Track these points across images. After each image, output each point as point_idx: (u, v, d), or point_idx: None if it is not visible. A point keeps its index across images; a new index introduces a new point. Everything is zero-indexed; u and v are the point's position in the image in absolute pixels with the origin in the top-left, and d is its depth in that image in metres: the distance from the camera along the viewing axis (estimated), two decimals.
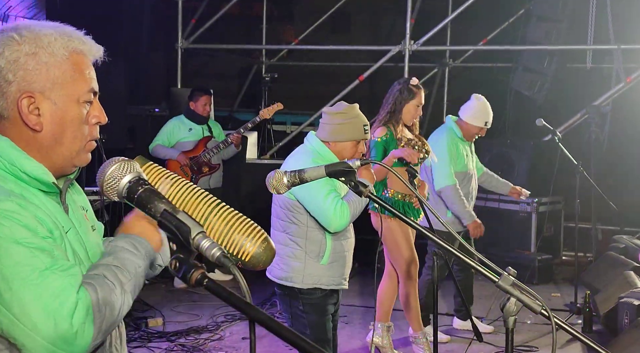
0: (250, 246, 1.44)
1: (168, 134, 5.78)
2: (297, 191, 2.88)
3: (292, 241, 2.98)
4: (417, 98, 4.05)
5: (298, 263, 2.98)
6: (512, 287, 1.53)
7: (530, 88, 6.99)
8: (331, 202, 2.83)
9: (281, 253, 3.01)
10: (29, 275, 1.18)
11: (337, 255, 3.03)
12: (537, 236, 6.52)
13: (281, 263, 3.02)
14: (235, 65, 9.84)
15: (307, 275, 2.98)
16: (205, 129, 5.88)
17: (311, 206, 2.89)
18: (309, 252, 2.98)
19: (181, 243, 1.16)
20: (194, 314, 5.09)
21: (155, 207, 1.21)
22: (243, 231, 1.45)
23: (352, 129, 3.02)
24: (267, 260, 1.47)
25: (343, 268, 3.07)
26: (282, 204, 3.01)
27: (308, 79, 9.62)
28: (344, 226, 2.89)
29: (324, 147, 3.01)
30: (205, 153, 5.78)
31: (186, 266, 1.12)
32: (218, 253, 1.12)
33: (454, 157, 4.40)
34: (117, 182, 1.28)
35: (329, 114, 3.05)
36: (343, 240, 3.05)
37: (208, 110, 5.84)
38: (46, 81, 1.31)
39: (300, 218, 2.96)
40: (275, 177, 1.95)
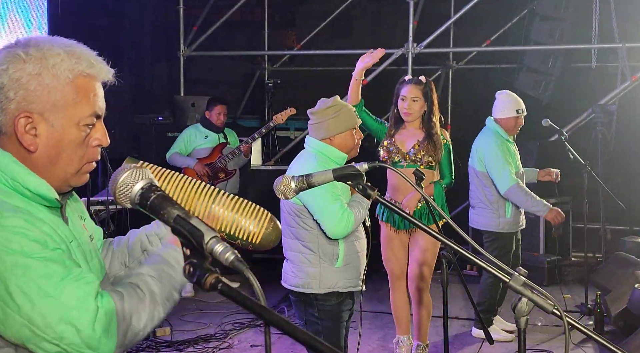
0: (258, 228, 1.48)
1: (185, 141, 5.86)
2: (304, 196, 2.90)
3: (305, 247, 2.99)
4: (401, 90, 4.03)
5: (313, 269, 2.99)
6: (523, 287, 1.54)
7: (535, 88, 7.00)
8: (338, 209, 2.85)
9: (295, 260, 3.02)
10: (46, 288, 1.20)
11: (351, 256, 3.04)
12: (545, 237, 6.51)
13: (296, 271, 3.03)
14: (237, 72, 9.87)
15: (323, 279, 2.99)
16: (221, 137, 5.97)
17: (317, 212, 2.91)
18: (322, 257, 2.99)
19: (195, 248, 1.18)
20: (201, 323, 5.09)
21: (168, 213, 1.23)
22: (248, 215, 1.48)
23: (346, 118, 3.06)
24: (276, 239, 1.52)
25: (358, 268, 3.08)
26: (290, 210, 3.03)
27: (311, 84, 9.64)
28: (345, 235, 2.91)
29: (326, 146, 3.04)
30: (221, 159, 5.84)
31: (200, 271, 1.14)
32: (232, 257, 1.13)
33: (507, 157, 4.52)
34: (129, 189, 1.29)
35: (318, 113, 3.08)
36: (355, 241, 3.07)
37: (222, 119, 5.93)
38: (46, 103, 1.31)
39: (309, 223, 2.98)
40: (283, 182, 1.96)
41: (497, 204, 4.63)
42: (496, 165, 4.48)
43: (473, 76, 8.90)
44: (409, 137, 4.06)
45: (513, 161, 4.57)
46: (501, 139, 4.58)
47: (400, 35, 8.02)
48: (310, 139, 3.11)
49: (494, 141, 4.57)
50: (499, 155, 4.49)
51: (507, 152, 4.55)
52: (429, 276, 4.09)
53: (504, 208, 4.63)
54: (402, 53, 6.99)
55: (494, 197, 4.62)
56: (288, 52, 9.13)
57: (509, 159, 4.54)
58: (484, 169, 4.62)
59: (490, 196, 4.64)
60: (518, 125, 4.66)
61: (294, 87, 9.58)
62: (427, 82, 4.06)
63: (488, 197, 4.65)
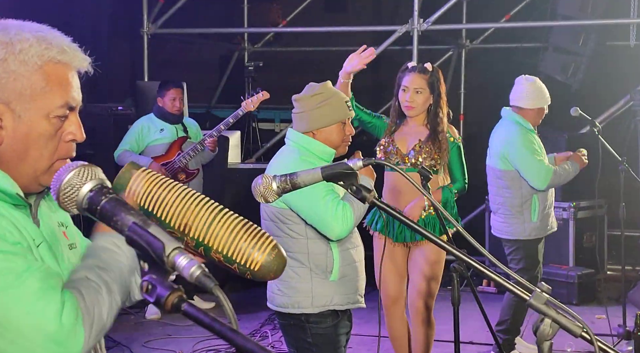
0: (259, 254, 1.49)
1: (136, 137, 5.79)
2: (289, 197, 2.90)
3: (293, 259, 3.00)
4: (403, 80, 4.03)
5: (304, 284, 3.00)
6: (546, 306, 1.54)
7: (563, 72, 7.02)
8: (331, 205, 2.85)
9: (282, 276, 3.01)
10: (7, 279, 1.26)
11: (347, 267, 3.04)
12: (575, 247, 6.53)
13: (283, 288, 3.03)
14: (212, 53, 9.86)
15: (316, 296, 3.00)
16: (179, 129, 5.91)
17: (307, 212, 2.91)
18: (314, 269, 3.00)
19: (154, 262, 1.18)
20: (169, 350, 5.08)
21: (122, 220, 1.22)
22: (250, 238, 1.50)
23: (334, 109, 3.06)
24: (278, 269, 1.53)
25: (357, 282, 3.09)
26: (272, 216, 3.02)
27: (299, 68, 9.64)
28: (348, 232, 2.91)
29: (309, 140, 3.04)
30: (180, 157, 5.79)
31: (160, 288, 1.13)
32: (198, 272, 1.13)
33: (534, 149, 4.62)
34: (75, 191, 1.29)
35: (302, 101, 3.09)
36: (351, 249, 3.07)
37: (179, 106, 5.85)
38: (12, 92, 1.36)
39: (296, 230, 2.98)
40: (262, 183, 1.96)
41: (520, 208, 4.66)
42: (527, 159, 4.53)
43: (490, 58, 8.92)
44: (410, 135, 4.05)
45: (541, 150, 4.67)
46: (525, 129, 4.63)
47: (404, 10, 8.03)
48: (291, 131, 3.12)
49: (518, 133, 4.61)
50: (528, 147, 4.56)
51: (534, 143, 4.62)
52: (435, 293, 4.10)
53: (529, 211, 4.67)
54: (406, 30, 6.99)
55: (517, 199, 4.64)
56: (272, 29, 9.14)
57: (539, 149, 4.63)
58: (508, 167, 4.63)
59: (512, 199, 4.65)
60: (542, 116, 4.75)
61: (279, 71, 9.57)
62: (433, 71, 4.04)
63: (510, 200, 4.67)
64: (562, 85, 7.07)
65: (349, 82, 3.81)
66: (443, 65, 8.55)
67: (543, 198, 4.71)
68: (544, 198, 4.73)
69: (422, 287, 4.06)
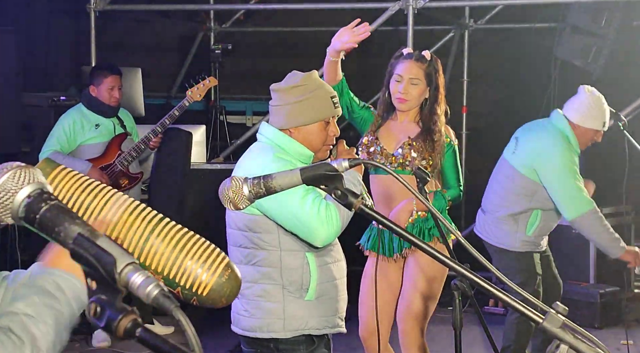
0: (208, 275, 1.47)
1: (67, 135, 5.64)
2: (262, 201, 2.90)
3: (263, 275, 3.00)
4: (397, 68, 4.03)
5: (274, 304, 3.00)
6: (562, 330, 1.56)
7: (582, 56, 7.07)
8: (312, 205, 2.86)
9: (248, 294, 3.03)
10: None
11: (326, 285, 3.05)
12: (597, 261, 6.57)
13: (250, 308, 3.03)
14: (172, 34, 9.83)
15: (288, 318, 3.00)
16: (116, 124, 5.82)
17: (285, 216, 2.91)
18: (287, 286, 3.00)
19: (104, 280, 1.17)
20: None
21: (65, 230, 1.22)
22: (197, 255, 1.47)
23: (316, 105, 3.07)
24: (231, 294, 1.50)
25: (337, 303, 3.10)
26: (242, 224, 3.02)
27: (274, 51, 9.64)
28: (335, 236, 2.93)
29: (285, 138, 3.05)
30: (121, 159, 5.72)
31: (111, 311, 1.13)
32: (155, 291, 1.13)
33: (576, 171, 4.55)
34: (10, 197, 1.28)
35: (280, 92, 3.10)
36: (332, 264, 3.08)
37: (117, 96, 5.75)
38: None
39: (268, 240, 2.98)
40: (232, 187, 1.96)
41: (517, 217, 4.67)
42: (567, 184, 4.48)
43: (497, 40, 8.97)
44: (399, 132, 4.03)
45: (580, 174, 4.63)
46: (570, 148, 4.58)
47: None
48: (265, 125, 3.12)
49: (561, 148, 4.55)
50: (570, 168, 4.51)
51: (577, 165, 4.58)
52: (430, 314, 4.10)
53: (526, 224, 4.67)
54: (399, 8, 7.02)
55: (519, 208, 4.66)
56: (242, 6, 9.13)
57: (578, 173, 4.58)
58: (532, 176, 4.61)
59: (514, 206, 4.67)
60: (595, 140, 4.70)
61: (250, 55, 9.57)
62: (432, 60, 4.04)
63: (511, 206, 4.68)
64: (581, 72, 7.12)
65: (338, 60, 3.81)
66: (443, 48, 8.60)
67: (547, 218, 4.70)
68: (549, 218, 4.72)
69: (415, 306, 4.00)
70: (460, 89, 8.35)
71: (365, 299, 4.07)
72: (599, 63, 7.00)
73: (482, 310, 6.34)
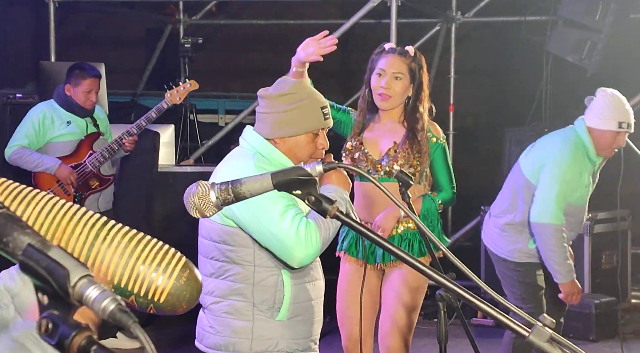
0: (164, 280, 1.43)
1: (36, 129, 5.67)
2: (238, 213, 2.90)
3: (233, 290, 3.00)
4: (379, 63, 4.05)
5: (243, 323, 3.00)
6: (549, 345, 1.57)
7: (576, 51, 7.12)
8: (291, 223, 2.85)
9: (216, 309, 3.03)
10: None
11: (300, 306, 3.05)
12: (592, 269, 6.62)
13: (217, 325, 3.03)
14: (139, 27, 9.81)
15: (257, 338, 3.00)
16: (89, 123, 5.85)
17: (261, 232, 2.91)
18: (258, 304, 3.00)
19: (56, 295, 1.17)
20: None
21: (14, 240, 1.21)
22: (150, 258, 1.43)
23: (306, 116, 3.06)
24: (191, 298, 1.46)
25: (311, 325, 3.10)
26: (215, 236, 3.02)
27: (248, 46, 9.64)
28: (313, 257, 2.92)
29: (269, 147, 3.04)
30: (93, 159, 5.74)
31: (63, 327, 1.13)
32: (112, 306, 1.12)
33: (571, 185, 4.54)
34: None
35: (267, 98, 3.09)
36: (309, 283, 3.08)
37: (93, 100, 5.79)
38: None
39: (243, 255, 2.98)
40: (198, 192, 1.96)
41: (523, 227, 4.67)
42: (551, 189, 4.47)
43: (486, 34, 9.02)
44: (383, 136, 4.06)
45: (579, 191, 4.60)
46: (582, 156, 4.57)
47: None
48: (250, 131, 3.11)
49: (568, 157, 4.54)
50: (565, 181, 4.51)
51: (577, 178, 4.56)
52: (414, 326, 4.13)
53: (529, 235, 4.66)
54: (382, 0, 7.04)
55: (526, 217, 4.65)
56: None
57: (573, 189, 4.57)
58: (537, 181, 4.61)
59: (523, 214, 4.65)
60: (617, 144, 4.62)
61: (223, 50, 9.57)
62: (416, 55, 4.08)
63: (519, 214, 4.67)
64: (574, 68, 7.18)
65: (303, 71, 3.82)
66: (428, 43, 8.63)
67: None
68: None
69: (401, 320, 4.04)
70: (447, 86, 8.38)
71: (345, 308, 4.08)
72: (594, 58, 7.04)
73: (470, 322, 6.39)
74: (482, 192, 7.80)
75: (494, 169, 7.54)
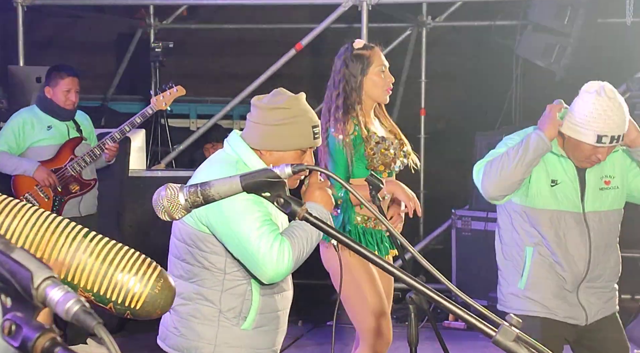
0: (140, 288, 1.49)
1: (16, 134, 5.66)
2: (214, 222, 2.90)
3: (201, 295, 2.99)
4: (376, 59, 4.09)
5: (207, 327, 3.00)
6: (515, 344, 1.58)
7: (545, 55, 7.17)
8: (265, 240, 2.84)
9: (182, 311, 3.02)
10: None
11: (266, 316, 3.05)
12: None
13: (181, 327, 3.02)
14: (108, 31, 9.76)
15: (220, 345, 3.00)
16: (71, 127, 5.85)
17: (234, 245, 2.90)
18: (225, 311, 2.99)
19: (19, 297, 1.16)
20: None
21: None
22: (128, 268, 1.49)
23: (296, 133, 3.04)
24: (165, 304, 1.54)
25: (275, 335, 3.10)
26: (188, 239, 3.01)
27: (220, 50, 9.63)
28: (284, 275, 2.91)
29: (254, 157, 3.02)
30: (74, 163, 5.72)
31: (27, 329, 1.12)
32: (76, 308, 1.12)
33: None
34: None
35: (260, 109, 3.06)
36: (277, 294, 3.08)
37: (73, 100, 5.79)
38: None
39: (214, 261, 2.97)
40: (166, 195, 1.96)
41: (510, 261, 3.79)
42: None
43: (456, 38, 9.06)
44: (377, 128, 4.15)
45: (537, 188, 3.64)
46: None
47: None
48: (235, 136, 3.09)
49: None
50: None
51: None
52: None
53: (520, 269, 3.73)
54: (353, 4, 7.06)
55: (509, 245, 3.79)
56: (184, 1, 9.09)
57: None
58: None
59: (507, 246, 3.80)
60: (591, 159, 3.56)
61: (194, 54, 9.54)
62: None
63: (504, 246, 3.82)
64: (544, 72, 7.24)
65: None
66: (400, 47, 8.67)
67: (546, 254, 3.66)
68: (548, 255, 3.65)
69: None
70: (418, 90, 8.42)
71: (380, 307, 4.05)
72: (563, 62, 7.10)
73: (442, 325, 6.40)
74: (452, 195, 7.85)
75: (465, 173, 7.55)
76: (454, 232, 7.18)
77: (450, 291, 1.80)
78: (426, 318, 5.02)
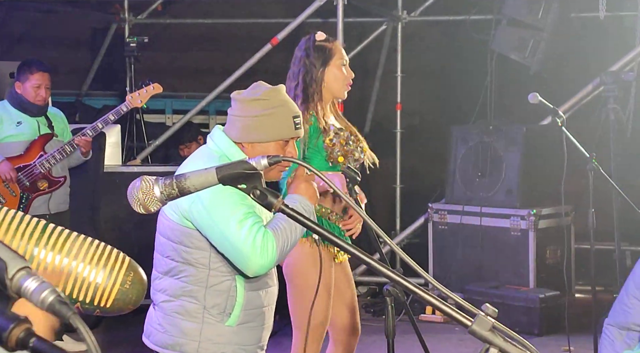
0: (110, 285, 1.43)
1: None
2: (197, 216, 2.89)
3: (185, 291, 2.99)
4: (338, 52, 4.06)
5: (191, 324, 2.99)
6: (491, 333, 1.58)
7: (519, 49, 7.21)
8: (248, 232, 2.84)
9: (166, 308, 3.01)
10: None
11: (251, 312, 3.04)
12: (537, 264, 6.70)
13: (166, 324, 3.02)
14: (82, 26, 9.70)
15: (204, 341, 2.99)
16: (42, 123, 5.81)
17: (218, 239, 2.90)
18: (209, 308, 2.99)
19: None
20: None
21: None
22: (94, 263, 1.43)
23: (277, 124, 3.04)
24: (137, 299, 1.48)
25: (260, 331, 3.10)
26: (172, 235, 3.00)
27: (195, 45, 9.58)
28: (268, 268, 2.91)
29: (237, 151, 3.02)
30: (43, 160, 5.68)
31: (1, 320, 1.11)
32: (51, 298, 1.11)
33: None
34: None
35: (240, 102, 3.07)
36: (261, 289, 3.07)
37: (44, 95, 5.76)
38: None
39: (199, 257, 2.97)
40: (141, 187, 1.94)
41: None
42: None
43: (432, 33, 9.08)
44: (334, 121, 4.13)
45: None
46: None
47: None
48: (218, 131, 3.09)
49: None
50: None
51: None
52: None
53: None
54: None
55: None
56: None
57: None
58: None
59: None
60: None
61: (169, 49, 9.50)
62: None
63: None
64: (518, 66, 7.26)
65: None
66: (375, 42, 8.67)
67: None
68: None
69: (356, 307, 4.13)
70: (394, 85, 8.42)
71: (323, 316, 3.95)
72: (537, 57, 7.14)
73: (419, 318, 6.43)
74: (429, 190, 7.87)
75: (441, 167, 7.59)
76: (431, 225, 7.21)
77: (427, 284, 1.81)
78: (403, 312, 5.03)
